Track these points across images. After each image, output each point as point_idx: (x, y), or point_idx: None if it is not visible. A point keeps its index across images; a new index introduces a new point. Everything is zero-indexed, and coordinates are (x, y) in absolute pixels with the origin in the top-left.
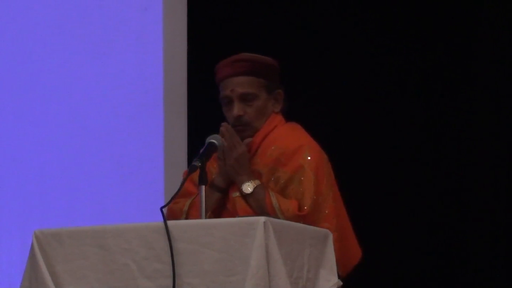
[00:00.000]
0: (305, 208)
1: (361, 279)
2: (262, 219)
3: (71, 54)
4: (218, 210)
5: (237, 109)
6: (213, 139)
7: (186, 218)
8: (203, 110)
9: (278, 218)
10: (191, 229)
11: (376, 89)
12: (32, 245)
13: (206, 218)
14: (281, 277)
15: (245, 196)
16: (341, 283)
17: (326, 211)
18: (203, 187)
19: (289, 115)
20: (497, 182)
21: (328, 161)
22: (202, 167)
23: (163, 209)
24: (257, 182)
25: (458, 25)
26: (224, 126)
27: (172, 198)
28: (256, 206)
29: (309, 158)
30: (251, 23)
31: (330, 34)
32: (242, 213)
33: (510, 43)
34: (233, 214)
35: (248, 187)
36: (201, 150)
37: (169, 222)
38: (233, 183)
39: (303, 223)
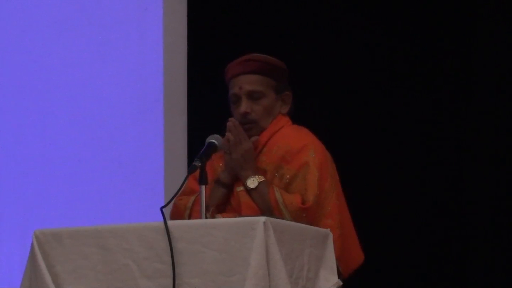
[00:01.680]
0: (308, 202)
1: (361, 279)
2: (262, 219)
3: (71, 54)
4: (222, 205)
5: (244, 106)
6: (213, 139)
7: (190, 213)
8: (203, 110)
9: (282, 212)
10: (192, 229)
11: (378, 90)
12: (32, 245)
13: (209, 213)
14: (281, 277)
15: (249, 191)
16: (341, 283)
17: (329, 208)
18: (203, 187)
19: (293, 116)
20: (498, 182)
21: (333, 161)
22: (202, 167)
23: (163, 209)
24: (262, 178)
25: (458, 25)
26: (231, 121)
27: (172, 198)
28: (260, 200)
29: (313, 155)
30: (251, 23)
31: (331, 35)
32: (245, 207)
33: (510, 43)
34: (237, 209)
35: (252, 182)
36: (201, 150)
37: (169, 222)
38: (238, 179)
39: (306, 216)
